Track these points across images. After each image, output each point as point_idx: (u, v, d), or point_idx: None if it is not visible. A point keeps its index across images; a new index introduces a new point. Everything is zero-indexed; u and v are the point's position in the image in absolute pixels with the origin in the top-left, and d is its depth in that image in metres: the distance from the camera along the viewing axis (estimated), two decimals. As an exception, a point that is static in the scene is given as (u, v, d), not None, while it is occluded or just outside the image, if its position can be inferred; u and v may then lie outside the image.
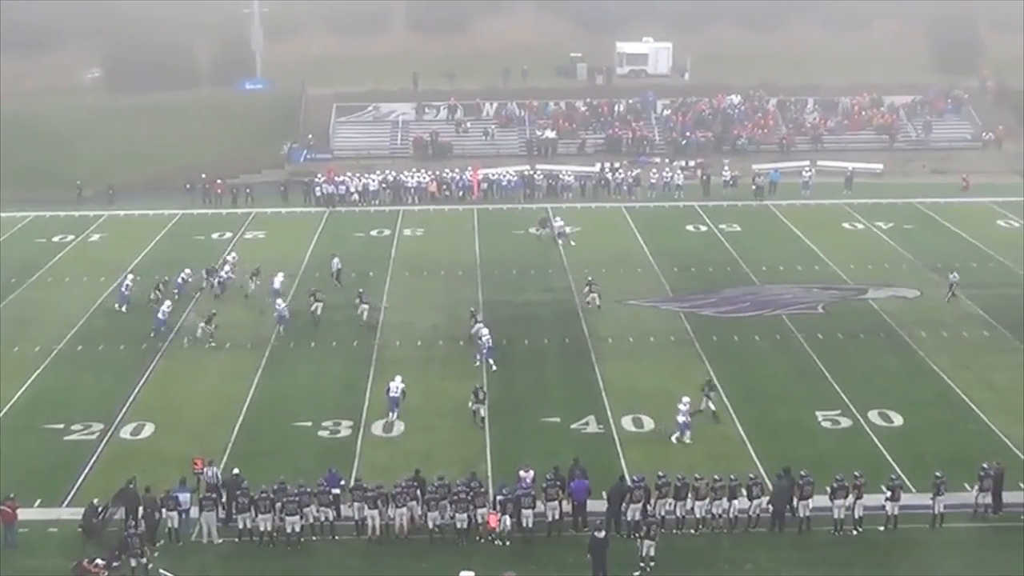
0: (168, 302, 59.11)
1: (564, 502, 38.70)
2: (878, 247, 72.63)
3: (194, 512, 38.66)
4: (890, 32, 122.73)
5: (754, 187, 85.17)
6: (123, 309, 60.97)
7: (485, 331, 53.54)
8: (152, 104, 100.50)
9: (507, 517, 37.98)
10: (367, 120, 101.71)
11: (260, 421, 47.43)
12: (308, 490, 38.56)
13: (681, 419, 45.30)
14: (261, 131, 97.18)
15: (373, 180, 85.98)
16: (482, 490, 38.84)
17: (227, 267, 65.60)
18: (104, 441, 45.58)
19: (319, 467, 41.26)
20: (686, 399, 46.06)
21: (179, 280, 63.19)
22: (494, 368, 52.28)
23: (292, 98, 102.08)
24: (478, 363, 52.87)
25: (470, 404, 47.56)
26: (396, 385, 48.39)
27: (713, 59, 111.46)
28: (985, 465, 39.80)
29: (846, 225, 78.23)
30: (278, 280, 62.15)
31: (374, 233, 76.17)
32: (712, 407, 47.57)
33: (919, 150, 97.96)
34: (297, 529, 37.98)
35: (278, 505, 37.96)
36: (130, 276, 63.14)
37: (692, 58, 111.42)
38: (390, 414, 47.78)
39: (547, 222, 75.72)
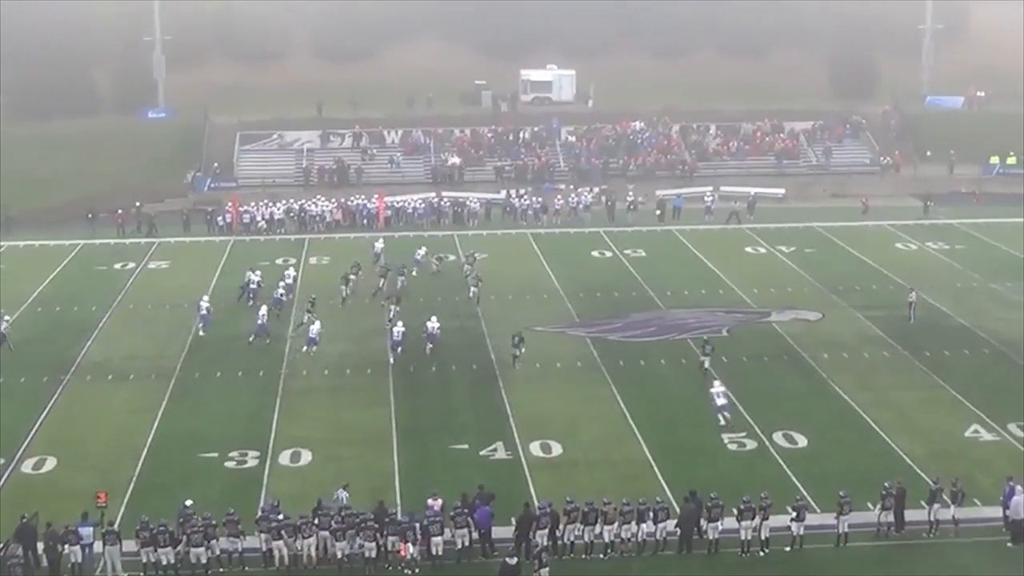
0: (265, 307, 61.28)
1: (472, 529, 38.76)
2: (780, 271, 73.59)
3: (97, 547, 38.12)
4: (790, 59, 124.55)
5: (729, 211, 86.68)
6: (202, 332, 61.13)
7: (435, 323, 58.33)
8: (52, 133, 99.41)
9: (411, 545, 37.88)
10: (271, 148, 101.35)
11: (165, 453, 46.84)
12: (214, 522, 38.19)
13: (720, 401, 49.12)
14: (164, 160, 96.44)
15: (278, 208, 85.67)
16: (391, 519, 38.73)
17: (282, 284, 66.46)
18: (5, 476, 44.74)
19: (226, 499, 40.86)
20: (717, 382, 50.52)
21: (253, 287, 66.33)
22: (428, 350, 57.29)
23: (195, 127, 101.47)
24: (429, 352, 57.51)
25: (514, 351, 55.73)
26: (398, 330, 57.16)
27: (617, 86, 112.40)
28: (887, 484, 40.36)
29: (749, 249, 79.19)
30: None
31: (280, 262, 75.72)
32: (707, 365, 54.13)
33: (819, 175, 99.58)
34: (203, 560, 37.60)
35: (182, 537, 37.57)
36: (205, 298, 62.96)
37: (596, 85, 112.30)
38: (392, 353, 56.73)
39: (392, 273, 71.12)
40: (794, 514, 39.17)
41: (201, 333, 60.97)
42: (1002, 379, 54.57)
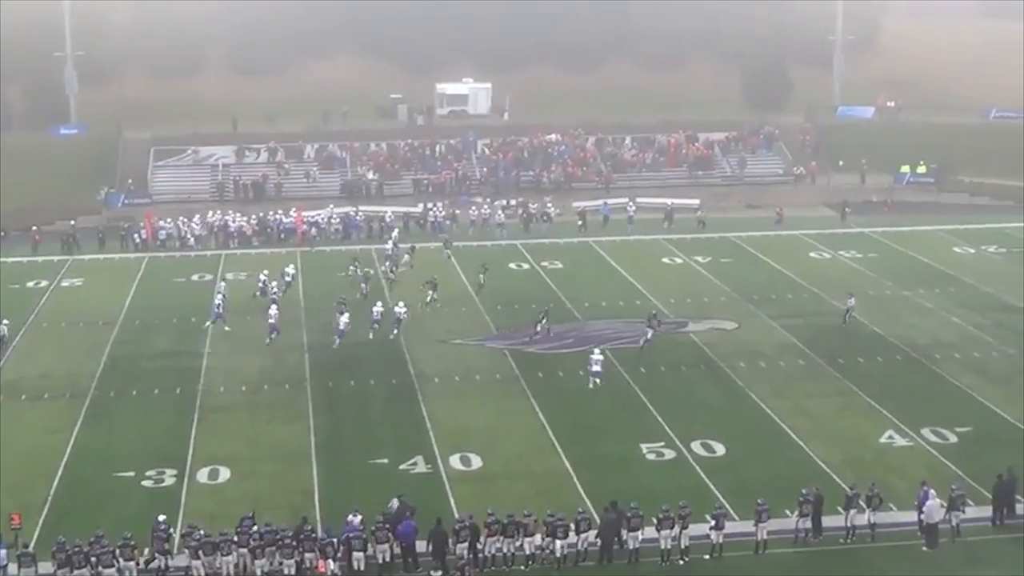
0: (275, 306, 63.24)
1: (394, 544, 38.65)
2: (697, 281, 74.08)
3: (12, 569, 37.57)
4: (703, 71, 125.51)
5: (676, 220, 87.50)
6: (222, 327, 63.89)
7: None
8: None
9: (330, 561, 37.68)
10: (186, 164, 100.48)
11: (81, 473, 46.26)
12: (133, 543, 37.76)
13: (595, 368, 54.26)
14: (77, 176, 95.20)
15: (196, 224, 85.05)
16: (312, 535, 38.54)
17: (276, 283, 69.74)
18: (-83, 499, 44.08)
19: (144, 517, 40.48)
20: (598, 350, 55.16)
21: (261, 285, 69.29)
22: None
23: (108, 142, 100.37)
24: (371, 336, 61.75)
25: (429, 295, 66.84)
26: (377, 310, 62.87)
27: (532, 99, 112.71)
28: (804, 491, 40.79)
29: (665, 260, 79.68)
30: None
31: (195, 278, 75.17)
32: (649, 336, 60.23)
33: (734, 185, 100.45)
34: (120, 582, 37.27)
35: (93, 559, 37.11)
36: (219, 296, 65.47)
37: (511, 98, 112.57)
38: (371, 331, 62.02)
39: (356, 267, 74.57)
40: (713, 522, 39.49)
41: (226, 328, 63.62)
42: (915, 385, 55.48)
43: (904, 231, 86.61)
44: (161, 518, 39.33)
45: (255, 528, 38.62)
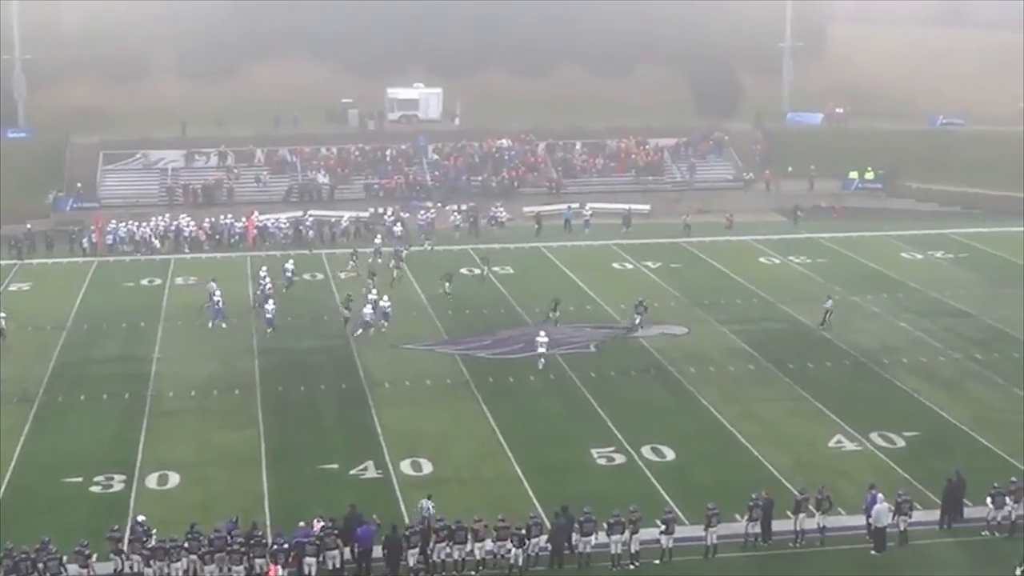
0: (272, 301, 65.09)
1: (345, 550, 38.53)
2: (647, 286, 74.21)
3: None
4: (653, 77, 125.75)
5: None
6: (224, 325, 64.90)
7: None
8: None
9: (280, 567, 37.50)
10: (135, 168, 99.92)
11: (28, 479, 45.86)
12: (88, 551, 37.42)
13: (540, 349, 57.23)
14: (25, 180, 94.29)
15: (147, 228, 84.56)
16: (262, 540, 38.38)
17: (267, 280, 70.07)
18: None
19: (92, 523, 40.24)
20: (543, 332, 58.22)
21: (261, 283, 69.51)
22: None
23: (57, 146, 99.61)
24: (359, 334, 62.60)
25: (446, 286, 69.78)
26: (372, 297, 64.73)
27: (483, 104, 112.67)
28: (754, 495, 41.00)
29: (616, 265, 79.91)
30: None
31: (145, 282, 74.75)
32: (638, 322, 63.60)
33: (684, 191, 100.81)
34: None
35: (40, 565, 36.79)
36: (217, 292, 66.10)
37: (462, 103, 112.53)
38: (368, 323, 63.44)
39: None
40: (663, 527, 39.58)
41: (224, 326, 64.69)
42: (863, 389, 55.85)
43: (852, 236, 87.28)
44: (141, 518, 39.37)
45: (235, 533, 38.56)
